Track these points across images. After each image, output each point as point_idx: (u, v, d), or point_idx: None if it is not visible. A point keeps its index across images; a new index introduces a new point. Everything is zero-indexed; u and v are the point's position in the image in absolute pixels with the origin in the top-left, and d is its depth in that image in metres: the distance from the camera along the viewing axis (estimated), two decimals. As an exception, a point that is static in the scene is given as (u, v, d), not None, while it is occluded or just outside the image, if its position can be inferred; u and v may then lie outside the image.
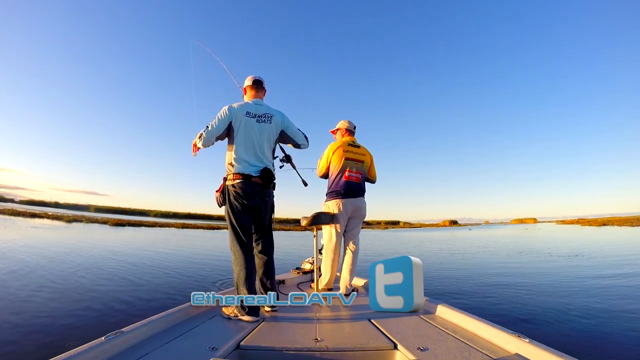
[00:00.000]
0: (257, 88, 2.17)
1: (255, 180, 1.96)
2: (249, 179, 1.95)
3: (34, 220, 25.33)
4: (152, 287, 4.45)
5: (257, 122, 2.03)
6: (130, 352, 1.30)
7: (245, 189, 1.93)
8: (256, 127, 2.02)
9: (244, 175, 1.94)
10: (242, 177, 1.93)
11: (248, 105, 2.07)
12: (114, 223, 27.98)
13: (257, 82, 2.17)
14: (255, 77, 2.19)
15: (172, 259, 7.59)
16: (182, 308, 1.83)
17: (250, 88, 2.18)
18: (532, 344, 1.28)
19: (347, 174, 2.64)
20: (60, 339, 2.46)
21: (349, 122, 2.85)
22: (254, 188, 1.96)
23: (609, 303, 3.70)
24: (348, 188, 2.62)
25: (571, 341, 2.60)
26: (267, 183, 2.01)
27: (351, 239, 2.67)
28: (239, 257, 1.94)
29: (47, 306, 3.31)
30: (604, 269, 6.28)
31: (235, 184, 1.93)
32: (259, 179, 1.98)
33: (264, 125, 2.05)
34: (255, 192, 1.97)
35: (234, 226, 1.96)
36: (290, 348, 1.40)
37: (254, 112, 2.04)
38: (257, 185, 1.98)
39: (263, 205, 2.04)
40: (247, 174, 1.95)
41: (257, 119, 2.03)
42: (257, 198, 1.99)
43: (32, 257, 6.49)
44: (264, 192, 2.03)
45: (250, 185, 1.95)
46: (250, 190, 1.95)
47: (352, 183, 2.64)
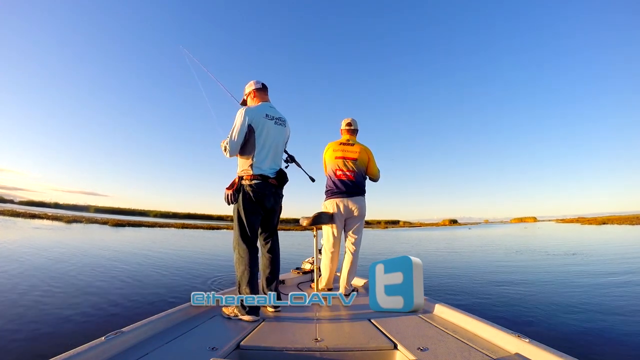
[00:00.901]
0: (264, 92, 2.18)
1: (271, 182, 2.02)
2: (267, 179, 1.99)
3: (33, 221, 25.32)
4: (152, 287, 4.45)
5: (275, 124, 2.07)
6: (130, 352, 1.30)
7: (262, 189, 1.97)
8: (274, 129, 2.06)
9: (263, 176, 1.98)
10: (261, 178, 1.97)
11: (264, 107, 2.07)
12: (114, 223, 27.96)
13: (264, 85, 2.18)
14: (259, 81, 2.18)
15: (172, 259, 7.60)
16: (182, 308, 1.83)
17: (258, 91, 2.17)
18: (532, 344, 1.28)
19: (338, 172, 2.65)
20: (60, 339, 2.46)
21: (346, 120, 2.84)
22: (270, 189, 2.01)
23: (608, 303, 3.70)
24: (342, 187, 2.63)
25: (571, 341, 2.60)
26: (281, 184, 2.08)
27: (351, 239, 2.67)
28: (244, 256, 1.94)
29: (46, 306, 3.31)
30: (601, 268, 6.28)
31: (253, 184, 1.96)
32: (274, 180, 2.03)
33: (281, 128, 2.11)
34: (271, 192, 2.03)
35: (242, 225, 1.96)
36: (290, 348, 1.40)
37: (272, 115, 2.06)
38: (273, 186, 2.03)
39: (276, 205, 2.10)
40: (266, 175, 1.99)
41: (275, 122, 2.07)
42: (272, 199, 2.04)
43: (32, 258, 6.49)
44: (278, 193, 2.09)
45: (268, 186, 2.00)
46: (267, 191, 2.00)
47: (345, 182, 2.64)
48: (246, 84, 2.21)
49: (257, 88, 2.17)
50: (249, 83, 2.19)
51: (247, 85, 2.20)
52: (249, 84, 2.19)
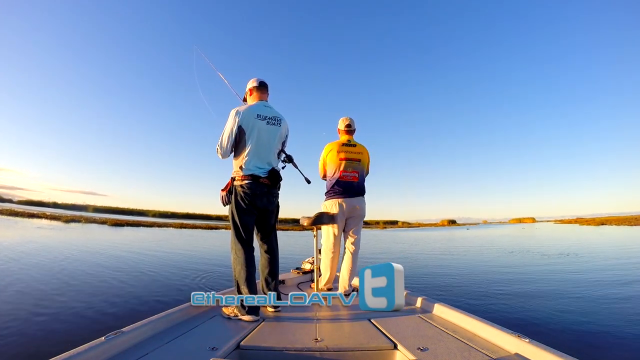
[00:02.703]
0: (262, 90, 2.17)
1: (263, 181, 2.01)
2: (258, 180, 1.98)
3: (32, 220, 25.25)
4: (152, 287, 4.44)
5: (267, 124, 2.05)
6: (130, 352, 1.30)
7: (254, 189, 1.97)
8: (266, 129, 2.04)
9: (253, 176, 1.97)
10: (251, 178, 1.97)
11: (257, 107, 2.07)
12: (113, 223, 27.92)
13: (263, 83, 2.17)
14: (259, 79, 2.17)
15: (172, 259, 7.58)
16: (182, 308, 1.83)
17: (255, 89, 2.16)
18: (532, 343, 1.28)
19: (342, 174, 2.64)
20: (60, 339, 2.46)
21: (345, 120, 2.82)
22: (262, 189, 2.00)
23: (608, 302, 3.71)
24: (345, 188, 2.63)
25: (571, 341, 2.61)
26: (274, 184, 2.06)
27: (351, 239, 2.67)
28: (240, 256, 1.96)
29: (46, 306, 3.30)
30: (601, 267, 6.30)
31: (244, 185, 1.96)
32: (266, 180, 2.02)
33: (274, 128, 2.08)
34: (264, 192, 2.01)
35: (236, 225, 1.98)
36: (290, 348, 1.40)
37: (264, 115, 2.05)
38: (265, 186, 2.02)
39: (270, 205, 2.09)
40: (256, 175, 1.98)
41: (267, 122, 2.05)
42: (265, 198, 2.03)
43: (32, 258, 6.47)
44: (271, 193, 2.07)
45: (259, 186, 1.99)
46: (259, 190, 1.99)
47: (349, 183, 2.64)
48: (248, 80, 2.21)
49: (254, 86, 2.16)
50: (250, 80, 2.19)
51: (248, 82, 2.21)
52: (250, 81, 2.19)
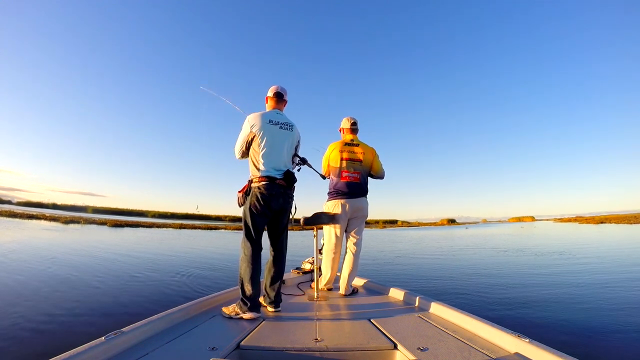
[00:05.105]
0: (277, 100, 2.28)
1: (279, 183, 2.08)
2: (274, 181, 2.06)
3: (31, 222, 25.22)
4: (152, 287, 4.44)
5: (280, 129, 2.15)
6: (130, 352, 1.30)
7: (270, 190, 2.04)
8: (279, 133, 2.14)
9: (270, 177, 2.05)
10: (268, 180, 2.04)
11: (269, 114, 2.18)
12: (113, 224, 27.90)
13: (279, 94, 2.28)
14: (277, 89, 2.27)
15: (172, 259, 7.58)
16: (182, 308, 1.83)
17: (271, 99, 2.28)
18: (532, 343, 1.29)
19: (344, 174, 2.64)
20: (60, 339, 2.45)
21: (348, 120, 2.82)
22: (277, 190, 2.07)
23: (608, 302, 3.72)
24: (347, 188, 2.62)
25: (571, 340, 2.62)
26: (289, 184, 2.14)
27: (353, 240, 2.67)
28: (248, 254, 2.01)
29: (46, 306, 3.30)
30: (600, 268, 6.32)
31: (261, 186, 2.04)
32: (282, 181, 2.09)
33: (287, 132, 2.19)
34: (279, 193, 2.08)
35: (247, 225, 2.04)
36: (290, 348, 1.40)
37: (276, 120, 2.16)
38: (280, 187, 2.08)
39: (286, 205, 2.16)
40: (272, 177, 2.06)
41: (280, 126, 2.16)
42: (281, 199, 2.10)
43: (31, 258, 6.46)
44: (287, 194, 2.14)
45: (275, 187, 2.06)
46: (275, 191, 2.06)
47: (351, 183, 2.64)
48: (269, 87, 2.32)
49: (269, 96, 2.29)
50: (271, 88, 2.30)
51: (269, 89, 2.31)
52: (270, 88, 2.30)
